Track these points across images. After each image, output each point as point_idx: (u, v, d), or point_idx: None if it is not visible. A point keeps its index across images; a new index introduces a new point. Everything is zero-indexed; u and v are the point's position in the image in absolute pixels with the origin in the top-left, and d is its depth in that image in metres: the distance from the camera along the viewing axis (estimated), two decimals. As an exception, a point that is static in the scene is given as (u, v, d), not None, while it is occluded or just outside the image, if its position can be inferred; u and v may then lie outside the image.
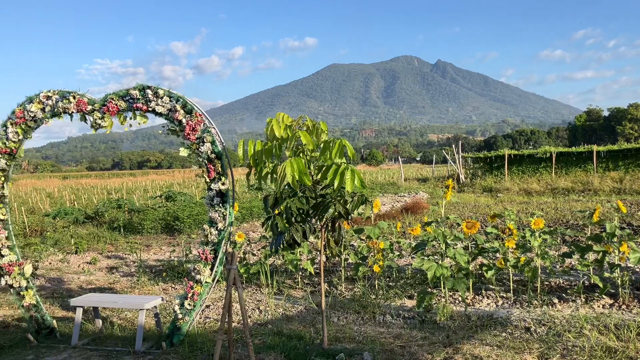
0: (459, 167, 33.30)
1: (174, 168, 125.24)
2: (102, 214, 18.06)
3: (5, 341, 6.02)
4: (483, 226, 13.37)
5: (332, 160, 4.94)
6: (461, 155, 34.40)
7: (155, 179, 58.91)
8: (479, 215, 16.36)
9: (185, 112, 5.54)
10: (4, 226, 6.19)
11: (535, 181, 27.65)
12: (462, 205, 20.16)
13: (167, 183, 45.03)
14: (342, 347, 5.39)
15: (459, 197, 23.80)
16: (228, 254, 4.26)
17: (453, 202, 20.76)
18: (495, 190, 26.55)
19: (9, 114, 6.01)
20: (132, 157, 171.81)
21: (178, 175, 69.00)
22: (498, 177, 30.29)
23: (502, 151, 32.44)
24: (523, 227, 12.26)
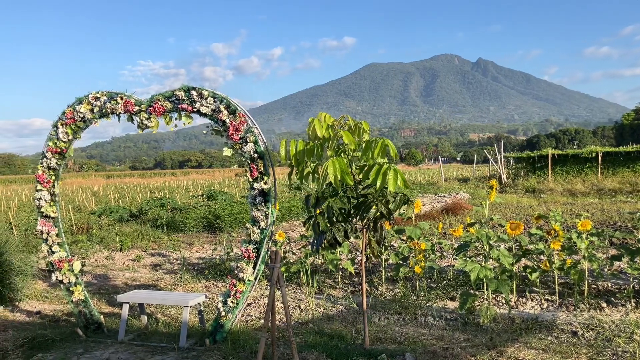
0: (500, 167, 32.71)
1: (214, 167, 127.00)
2: (146, 212, 18.45)
3: (56, 335, 6.22)
4: (527, 227, 13.10)
5: (374, 160, 4.93)
6: (503, 155, 33.76)
7: (196, 178, 59.87)
8: (522, 216, 16.04)
9: (229, 112, 5.62)
10: (54, 223, 6.41)
11: (580, 182, 26.92)
12: (504, 206, 19.80)
13: (207, 182, 45.71)
14: (383, 348, 5.37)
15: (501, 197, 23.38)
16: (272, 252, 4.30)
17: (495, 203, 20.42)
18: (538, 191, 25.98)
19: (59, 115, 6.21)
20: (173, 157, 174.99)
21: (218, 175, 69.91)
22: (541, 177, 29.62)
23: (546, 151, 31.70)
24: (568, 228, 11.96)
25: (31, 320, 7.12)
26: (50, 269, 6.46)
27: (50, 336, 6.15)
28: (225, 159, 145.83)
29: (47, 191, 6.30)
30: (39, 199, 6.32)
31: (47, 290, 8.86)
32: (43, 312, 7.47)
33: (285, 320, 4.47)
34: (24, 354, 5.67)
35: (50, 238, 6.33)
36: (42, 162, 6.29)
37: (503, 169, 32.91)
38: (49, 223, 6.35)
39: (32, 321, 7.05)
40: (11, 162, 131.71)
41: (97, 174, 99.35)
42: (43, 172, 6.27)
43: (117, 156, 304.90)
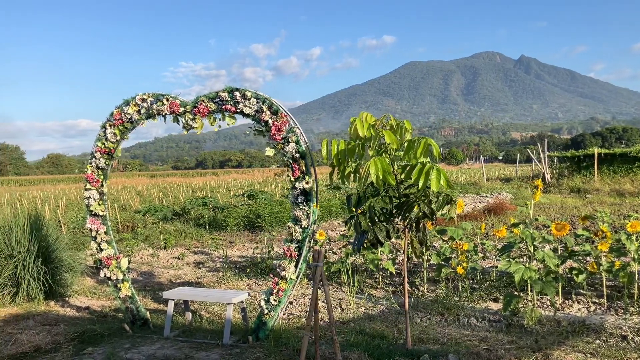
0: (544, 167, 31.97)
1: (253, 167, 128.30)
2: (189, 211, 18.80)
3: (104, 330, 6.41)
4: (572, 228, 12.78)
5: (416, 160, 4.90)
6: (546, 154, 32.98)
7: (237, 178, 60.61)
8: (567, 217, 15.65)
9: (272, 113, 5.68)
10: (102, 222, 6.61)
11: (629, 181, 26.07)
12: (548, 207, 19.36)
13: (247, 182, 46.23)
14: (426, 348, 5.34)
15: (545, 197, 22.85)
16: (315, 251, 4.33)
17: (539, 203, 19.98)
18: (584, 191, 25.28)
19: (107, 116, 6.40)
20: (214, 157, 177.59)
21: (258, 174, 70.60)
22: (587, 177, 28.81)
23: (591, 150, 30.82)
24: (617, 230, 11.62)
25: (80, 315, 7.36)
26: (99, 266, 6.67)
27: (99, 331, 6.35)
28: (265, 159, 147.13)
29: (96, 190, 6.51)
30: (88, 197, 6.53)
31: (95, 286, 9.14)
32: (92, 308, 7.71)
33: (328, 319, 4.50)
34: (75, 348, 5.87)
35: (98, 236, 6.54)
36: (91, 162, 6.50)
37: (547, 168, 32.16)
38: (98, 221, 6.55)
39: (82, 316, 7.28)
40: (59, 162, 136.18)
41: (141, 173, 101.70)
42: (92, 171, 6.47)
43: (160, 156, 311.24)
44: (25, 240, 7.94)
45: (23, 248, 7.86)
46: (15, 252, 7.82)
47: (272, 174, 65.84)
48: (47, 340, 6.01)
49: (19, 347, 5.77)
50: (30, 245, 7.92)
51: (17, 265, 7.74)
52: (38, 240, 8.03)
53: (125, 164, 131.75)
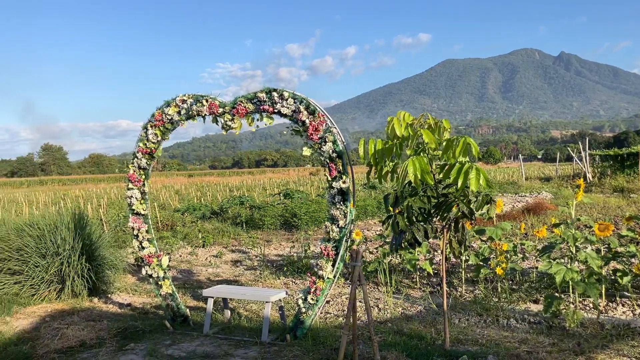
0: (585, 166, 31.16)
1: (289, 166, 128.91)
2: (226, 210, 19.04)
3: (146, 326, 6.57)
4: (616, 229, 12.44)
5: (455, 159, 4.86)
6: (588, 152, 32.12)
7: (272, 177, 61.02)
8: (610, 217, 15.23)
9: (309, 113, 5.71)
10: (144, 220, 6.76)
11: (675, 180, 25.20)
12: (589, 206, 18.88)
13: (283, 181, 46.49)
14: (464, 349, 5.29)
15: (587, 197, 22.20)
16: (353, 251, 4.34)
17: (580, 203, 19.50)
18: (628, 191, 24.54)
19: (149, 117, 6.54)
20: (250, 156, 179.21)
21: (293, 174, 70.93)
22: (631, 176, 27.95)
23: (636, 148, 29.89)
24: (662, 230, 11.25)
25: (122, 311, 7.55)
26: (140, 263, 6.83)
27: (141, 327, 6.50)
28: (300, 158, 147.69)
29: (137, 190, 6.66)
30: (130, 197, 6.69)
31: (136, 283, 9.34)
32: (133, 305, 7.89)
33: (367, 319, 4.51)
34: (117, 343, 6.02)
35: (140, 234, 6.69)
36: (133, 162, 6.66)
37: (588, 167, 31.34)
38: (140, 220, 6.70)
39: (124, 313, 7.47)
40: (100, 161, 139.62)
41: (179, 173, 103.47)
42: (134, 171, 6.63)
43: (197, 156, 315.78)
44: (70, 238, 8.18)
45: (68, 246, 8.10)
46: (61, 250, 8.06)
47: (307, 173, 66.06)
48: (91, 335, 6.19)
49: (65, 342, 5.96)
50: (75, 243, 8.16)
51: (63, 263, 7.98)
52: (82, 238, 8.26)
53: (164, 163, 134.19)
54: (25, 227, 8.53)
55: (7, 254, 8.21)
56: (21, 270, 8.08)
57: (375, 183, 24.84)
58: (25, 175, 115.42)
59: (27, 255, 8.11)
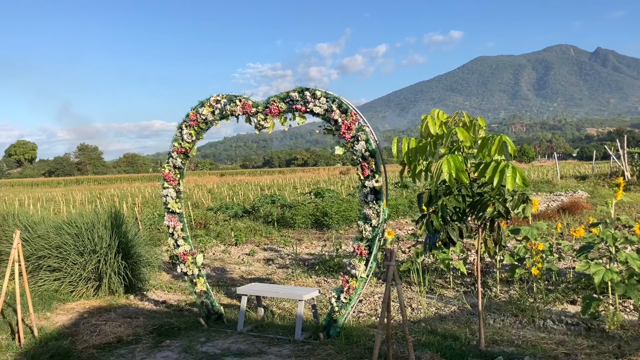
0: (623, 164, 30.36)
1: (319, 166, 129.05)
2: (258, 208, 19.18)
3: (181, 323, 6.66)
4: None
5: (490, 157, 4.80)
6: (626, 150, 31.29)
7: (302, 176, 61.20)
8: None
9: (341, 111, 5.71)
10: (179, 219, 6.86)
11: None
12: (628, 206, 18.41)
13: (313, 180, 46.58)
14: (500, 350, 5.22)
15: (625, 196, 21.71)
16: (387, 250, 4.32)
17: (620, 202, 19.02)
18: (669, 189, 23.84)
19: (183, 118, 6.63)
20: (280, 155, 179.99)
21: (323, 173, 71.02)
22: (672, 174, 27.14)
23: (677, 145, 28.96)
24: None
25: (158, 308, 7.67)
26: (175, 261, 6.93)
27: (176, 324, 6.60)
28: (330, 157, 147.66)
29: (173, 189, 6.76)
30: (165, 195, 6.80)
31: (171, 281, 9.49)
32: (168, 302, 8.02)
33: (401, 318, 4.48)
34: (154, 340, 6.13)
35: (175, 232, 6.79)
36: (168, 162, 6.76)
37: (626, 165, 30.53)
38: (175, 218, 6.80)
39: (159, 310, 7.59)
40: (134, 161, 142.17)
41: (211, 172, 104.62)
42: (169, 170, 6.73)
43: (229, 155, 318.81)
44: (106, 237, 8.35)
45: (105, 244, 8.27)
46: (98, 248, 8.23)
47: (337, 172, 66.07)
48: (128, 331, 6.31)
49: (103, 338, 6.09)
50: (111, 241, 8.32)
51: (100, 260, 8.15)
52: (118, 237, 8.42)
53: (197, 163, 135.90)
54: (64, 226, 8.74)
55: (46, 252, 8.43)
56: (60, 267, 8.28)
57: (407, 182, 24.70)
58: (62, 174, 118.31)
59: (66, 252, 8.30)
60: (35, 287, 8.12)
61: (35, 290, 7.95)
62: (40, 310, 7.30)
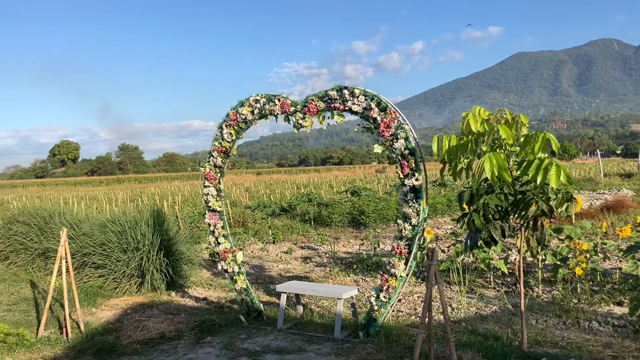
0: (671, 161, 29.34)
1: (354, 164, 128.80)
2: (294, 207, 19.28)
3: (222, 320, 6.76)
4: None
5: (534, 155, 4.71)
6: (674, 147, 30.19)
7: (338, 175, 61.18)
8: (700, 216, 14.29)
9: (380, 109, 5.69)
10: (220, 217, 6.95)
11: None
12: (676, 204, 17.78)
13: (349, 178, 46.53)
14: (543, 351, 5.12)
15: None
16: (429, 249, 4.29)
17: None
18: None
19: (224, 117, 6.71)
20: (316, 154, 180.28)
21: (359, 171, 70.86)
22: None
23: None
24: None
25: (199, 305, 7.80)
26: (215, 258, 7.03)
27: (217, 321, 6.70)
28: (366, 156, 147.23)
29: (213, 187, 6.86)
30: (206, 194, 6.90)
31: (211, 278, 9.62)
32: (209, 299, 8.13)
33: (443, 318, 4.45)
34: (195, 336, 6.23)
35: (216, 230, 6.89)
36: (209, 161, 6.86)
37: (674, 162, 29.49)
38: (216, 216, 6.90)
39: (200, 306, 7.71)
40: (173, 160, 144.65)
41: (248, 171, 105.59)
42: (210, 169, 6.83)
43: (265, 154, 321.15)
44: (149, 234, 8.53)
45: (147, 241, 8.44)
46: (141, 245, 8.41)
47: (373, 171, 65.83)
48: (170, 328, 6.44)
49: (147, 333, 6.23)
50: (154, 238, 8.49)
51: (142, 257, 8.33)
52: (160, 234, 8.58)
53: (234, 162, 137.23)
54: (108, 224, 8.97)
55: (91, 249, 8.66)
56: (104, 264, 8.50)
57: (446, 181, 24.44)
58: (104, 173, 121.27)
59: (110, 250, 8.52)
60: (81, 284, 8.35)
61: (80, 287, 8.18)
62: (85, 305, 7.51)
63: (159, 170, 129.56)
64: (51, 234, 9.97)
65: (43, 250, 9.92)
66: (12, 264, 10.14)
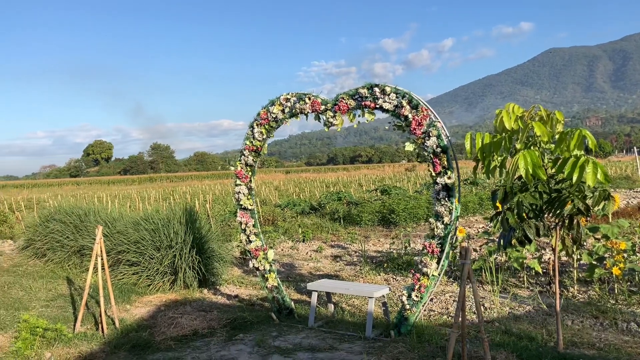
0: None
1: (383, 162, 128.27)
2: (324, 205, 19.30)
3: (253, 318, 6.81)
4: None
5: (569, 152, 4.62)
6: None
7: (367, 173, 61.03)
8: None
9: (411, 107, 5.64)
10: (251, 215, 7.00)
11: None
12: None
13: (378, 177, 46.36)
14: (579, 353, 5.02)
15: None
16: (462, 248, 4.24)
17: None
18: None
19: (254, 116, 6.76)
20: (345, 153, 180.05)
21: (388, 170, 70.56)
22: None
23: None
24: None
25: (230, 303, 7.87)
26: (247, 256, 7.08)
27: (249, 318, 6.75)
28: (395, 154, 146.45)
29: (245, 186, 6.92)
30: (238, 192, 6.96)
31: (242, 276, 9.70)
32: (240, 296, 8.21)
33: (477, 317, 4.39)
34: (227, 333, 6.29)
35: (247, 228, 6.94)
36: (240, 160, 6.91)
37: None
38: (247, 214, 6.95)
39: (232, 304, 7.78)
40: (203, 159, 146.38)
41: (277, 169, 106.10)
42: (241, 168, 6.89)
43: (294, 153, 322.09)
44: (181, 232, 8.64)
45: (180, 239, 8.55)
46: (174, 243, 8.53)
47: (402, 169, 65.45)
48: (203, 325, 6.51)
49: (180, 330, 6.32)
50: (186, 236, 8.59)
51: (175, 255, 8.44)
52: (192, 232, 8.69)
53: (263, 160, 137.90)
54: (141, 222, 9.11)
55: (125, 247, 8.82)
56: (138, 261, 8.65)
57: (478, 180, 24.17)
58: (137, 172, 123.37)
59: (143, 247, 8.65)
60: (115, 281, 8.51)
61: (115, 284, 8.33)
62: (120, 302, 7.65)
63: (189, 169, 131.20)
64: (86, 232, 10.18)
65: (78, 248, 10.13)
66: (50, 261, 10.38)
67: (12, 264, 10.73)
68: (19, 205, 27.27)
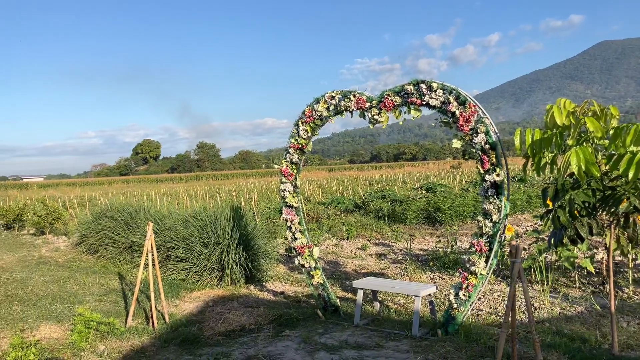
0: None
1: (428, 160, 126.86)
2: (368, 203, 19.23)
3: (299, 314, 6.86)
4: None
5: (625, 149, 4.46)
6: None
7: (411, 171, 60.49)
8: None
9: (459, 103, 5.56)
10: (296, 212, 7.06)
11: None
12: None
13: (422, 175, 45.89)
14: (636, 356, 4.86)
15: None
16: (512, 247, 4.16)
17: None
18: None
19: (299, 114, 6.80)
20: (388, 150, 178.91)
21: (433, 167, 69.73)
22: None
23: None
24: None
25: (277, 299, 7.95)
26: (292, 254, 7.14)
27: (295, 315, 6.81)
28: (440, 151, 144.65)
29: (290, 183, 6.97)
30: (283, 190, 7.02)
31: (288, 273, 9.78)
32: (286, 293, 8.28)
33: (527, 317, 4.30)
34: (274, 329, 6.37)
35: (293, 226, 7.00)
36: (285, 157, 6.97)
37: None
38: (292, 212, 7.01)
39: (278, 300, 7.86)
40: (248, 157, 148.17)
41: (320, 167, 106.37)
42: (287, 166, 6.94)
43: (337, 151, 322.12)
44: (228, 229, 8.78)
45: (227, 236, 8.70)
46: (221, 240, 8.68)
47: (448, 167, 64.54)
48: (250, 320, 6.61)
49: (228, 325, 6.43)
50: (233, 233, 8.73)
51: (222, 252, 8.59)
52: (239, 229, 8.82)
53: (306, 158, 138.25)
54: (190, 219, 9.31)
55: (174, 243, 9.03)
56: (187, 258, 8.84)
57: (527, 177, 23.62)
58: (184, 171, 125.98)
59: (192, 244, 8.84)
60: (165, 276, 8.72)
61: (164, 279, 8.53)
62: (169, 297, 7.84)
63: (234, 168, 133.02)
64: (136, 229, 10.47)
65: (129, 244, 10.43)
66: (102, 256, 10.73)
67: (66, 259, 11.15)
68: (72, 203, 28.28)
